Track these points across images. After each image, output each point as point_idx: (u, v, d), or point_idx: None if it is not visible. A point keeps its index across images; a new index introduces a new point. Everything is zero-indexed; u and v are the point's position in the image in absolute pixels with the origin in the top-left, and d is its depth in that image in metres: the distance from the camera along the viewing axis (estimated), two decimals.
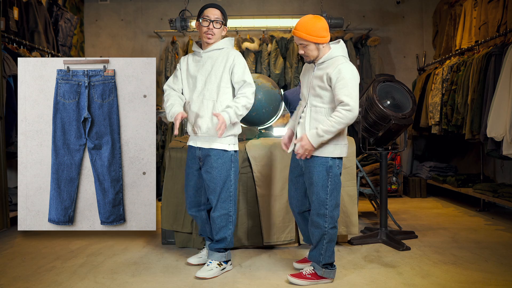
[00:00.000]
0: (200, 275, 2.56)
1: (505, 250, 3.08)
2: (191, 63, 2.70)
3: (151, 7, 6.10)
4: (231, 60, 2.60)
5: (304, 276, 2.46)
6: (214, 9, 2.63)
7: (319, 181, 2.39)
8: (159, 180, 5.13)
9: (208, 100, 2.58)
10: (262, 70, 5.61)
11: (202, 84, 2.61)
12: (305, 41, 2.37)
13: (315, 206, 2.41)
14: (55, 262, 2.90)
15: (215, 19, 2.61)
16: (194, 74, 2.66)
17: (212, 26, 2.59)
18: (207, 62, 2.63)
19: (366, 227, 3.71)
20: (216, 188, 2.60)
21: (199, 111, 2.59)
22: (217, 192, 2.60)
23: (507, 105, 3.53)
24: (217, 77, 2.59)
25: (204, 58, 2.65)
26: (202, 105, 2.59)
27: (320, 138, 2.31)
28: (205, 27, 2.60)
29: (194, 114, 2.61)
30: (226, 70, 2.60)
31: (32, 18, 4.53)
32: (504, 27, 4.10)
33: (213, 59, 2.63)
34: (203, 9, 2.64)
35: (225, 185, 2.61)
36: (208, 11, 2.61)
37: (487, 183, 4.48)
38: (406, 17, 6.13)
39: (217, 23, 2.61)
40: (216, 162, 2.58)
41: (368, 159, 4.55)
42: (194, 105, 2.61)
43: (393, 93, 3.24)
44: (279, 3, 6.10)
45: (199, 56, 2.67)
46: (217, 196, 2.61)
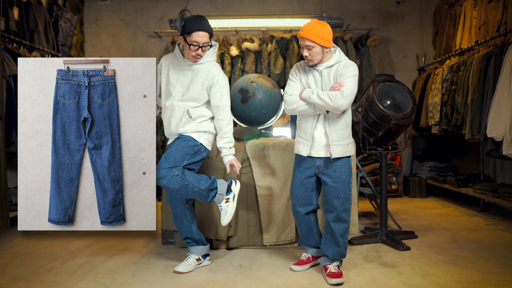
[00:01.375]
0: (179, 269, 2.67)
1: (505, 250, 3.08)
2: (171, 68, 2.75)
3: (151, 7, 6.10)
4: (210, 77, 2.66)
5: (339, 273, 2.51)
6: (202, 32, 2.59)
7: (345, 179, 2.55)
8: None
9: (180, 108, 2.69)
10: (262, 70, 5.61)
11: (177, 94, 2.70)
12: (312, 43, 2.43)
13: (342, 202, 2.54)
14: (55, 262, 2.91)
15: (203, 44, 2.60)
16: (172, 80, 2.73)
17: (200, 51, 2.62)
18: (188, 73, 2.70)
19: (366, 227, 3.71)
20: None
21: (172, 117, 2.71)
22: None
23: (507, 105, 3.53)
24: (194, 91, 2.67)
25: (185, 67, 2.71)
26: (174, 111, 2.70)
27: (309, 94, 2.46)
28: (194, 52, 2.62)
29: (167, 120, 2.75)
30: (204, 87, 2.68)
31: (32, 18, 4.53)
32: (504, 27, 4.10)
33: (193, 72, 2.69)
34: (191, 31, 2.59)
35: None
36: (197, 36, 2.58)
37: (487, 183, 4.48)
38: (406, 17, 6.13)
39: (206, 47, 2.63)
40: (179, 143, 2.68)
41: (368, 159, 4.55)
42: (167, 112, 2.74)
43: (393, 93, 3.24)
44: (279, 3, 6.10)
45: (181, 64, 2.72)
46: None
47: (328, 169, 2.55)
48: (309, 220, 2.68)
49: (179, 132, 2.70)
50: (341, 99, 2.40)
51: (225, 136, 2.70)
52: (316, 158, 2.57)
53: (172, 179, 2.63)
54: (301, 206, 2.64)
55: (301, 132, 2.63)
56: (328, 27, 2.46)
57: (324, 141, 2.54)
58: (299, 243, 2.81)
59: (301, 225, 2.71)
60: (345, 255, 2.65)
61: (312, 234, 2.72)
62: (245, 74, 5.47)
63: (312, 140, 2.54)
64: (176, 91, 2.70)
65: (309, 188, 2.62)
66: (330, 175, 2.55)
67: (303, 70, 2.61)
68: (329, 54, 2.54)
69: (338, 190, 2.55)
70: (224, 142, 2.70)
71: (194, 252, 2.79)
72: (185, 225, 2.80)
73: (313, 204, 2.65)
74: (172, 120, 2.71)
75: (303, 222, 2.68)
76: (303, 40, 2.45)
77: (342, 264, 2.69)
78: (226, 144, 2.70)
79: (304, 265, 2.71)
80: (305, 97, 2.49)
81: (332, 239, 2.59)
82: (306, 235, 2.73)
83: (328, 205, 2.59)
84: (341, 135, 2.54)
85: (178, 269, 2.69)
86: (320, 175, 2.58)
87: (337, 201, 2.55)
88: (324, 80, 2.53)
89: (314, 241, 2.74)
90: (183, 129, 2.68)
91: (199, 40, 2.59)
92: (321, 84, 2.54)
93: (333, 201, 2.55)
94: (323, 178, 2.57)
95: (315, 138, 2.54)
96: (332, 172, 2.55)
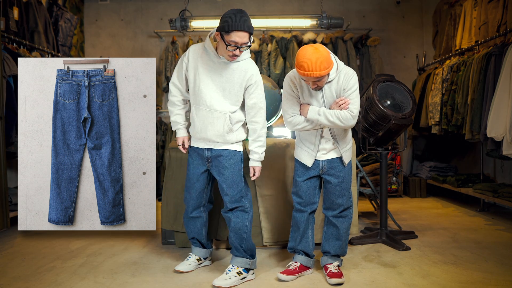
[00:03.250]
0: (216, 283, 2.45)
1: (505, 250, 3.07)
2: (201, 63, 2.49)
3: (151, 7, 6.10)
4: (248, 77, 2.48)
5: (340, 273, 2.51)
6: (243, 33, 2.31)
7: (348, 179, 2.60)
8: (159, 180, 5.13)
9: (219, 113, 2.48)
10: (262, 70, 5.61)
11: (213, 94, 2.48)
12: (323, 76, 2.33)
13: (346, 200, 2.59)
14: (55, 262, 2.90)
15: (242, 44, 2.34)
16: (204, 78, 2.48)
17: (238, 52, 2.39)
18: (223, 72, 2.47)
19: (366, 227, 3.71)
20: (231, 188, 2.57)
21: (208, 122, 2.49)
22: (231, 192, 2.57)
23: (507, 105, 3.53)
24: (231, 92, 2.48)
25: (218, 65, 2.47)
26: (212, 116, 2.48)
27: (316, 116, 2.43)
28: (231, 52, 2.37)
29: (201, 123, 2.52)
30: (241, 88, 2.49)
31: (32, 18, 4.53)
32: (504, 27, 4.10)
33: (229, 70, 2.46)
34: (230, 30, 2.30)
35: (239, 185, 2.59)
36: (236, 36, 2.30)
37: (487, 183, 4.48)
38: (406, 17, 6.13)
39: (244, 47, 2.38)
40: (228, 162, 2.55)
41: (368, 159, 4.55)
42: (201, 114, 2.51)
43: (393, 93, 3.24)
44: (279, 3, 6.10)
45: (213, 60, 2.48)
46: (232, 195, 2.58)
47: (333, 170, 2.56)
48: (309, 221, 2.64)
49: (218, 141, 2.52)
50: (351, 120, 2.40)
51: (259, 140, 2.55)
52: (320, 161, 2.57)
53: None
54: (305, 206, 2.62)
55: (305, 142, 2.59)
56: (326, 52, 2.31)
57: (330, 147, 2.55)
58: (288, 250, 2.71)
59: (299, 225, 2.64)
60: (345, 251, 2.67)
61: (306, 236, 2.63)
62: None
63: (317, 150, 2.54)
64: (209, 89, 2.47)
65: (312, 187, 2.61)
66: (336, 175, 2.56)
67: (299, 84, 2.50)
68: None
69: (342, 189, 2.57)
70: (257, 146, 2.55)
71: (196, 253, 2.78)
72: (198, 227, 2.74)
73: (316, 202, 2.64)
74: (210, 127, 2.49)
75: (303, 221, 2.63)
76: (314, 78, 2.32)
77: (342, 264, 2.68)
78: (259, 148, 2.55)
79: (292, 275, 2.55)
80: (311, 118, 2.43)
81: (335, 234, 2.61)
82: (300, 236, 2.64)
83: (331, 204, 2.59)
84: (346, 141, 2.59)
85: (179, 268, 2.67)
86: (324, 175, 2.59)
87: (341, 200, 2.58)
88: (325, 95, 2.47)
89: (306, 245, 2.63)
90: (224, 139, 2.51)
91: (238, 41, 2.32)
92: (323, 99, 2.48)
93: (338, 200, 2.58)
94: (328, 178, 2.57)
95: (321, 148, 2.54)
96: (337, 172, 2.56)
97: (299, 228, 2.64)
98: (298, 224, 2.65)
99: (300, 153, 2.60)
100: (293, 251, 2.68)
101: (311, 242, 2.66)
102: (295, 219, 2.66)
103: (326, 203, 2.63)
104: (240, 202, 2.58)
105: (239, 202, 2.57)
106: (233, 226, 2.58)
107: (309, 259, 2.65)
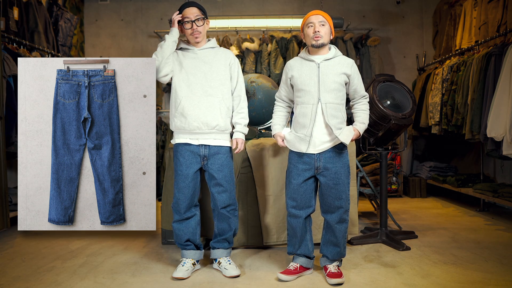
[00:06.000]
0: (233, 273, 2.59)
1: (505, 250, 3.08)
2: (184, 59, 2.69)
3: (151, 7, 6.10)
4: (229, 58, 2.69)
5: (339, 273, 2.51)
6: (191, 8, 2.65)
7: (345, 180, 2.54)
8: (159, 180, 5.12)
9: (213, 97, 2.61)
10: (262, 70, 5.61)
11: (203, 80, 2.62)
12: (325, 20, 2.53)
13: (344, 203, 2.53)
14: (55, 262, 2.91)
15: (195, 18, 2.63)
16: (191, 70, 2.66)
17: (195, 26, 2.63)
18: (206, 58, 2.67)
19: (366, 227, 3.71)
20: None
21: (205, 107, 2.59)
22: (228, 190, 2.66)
23: (507, 105, 3.53)
24: (218, 73, 2.64)
25: (200, 55, 2.68)
26: (207, 102, 2.60)
27: (363, 126, 2.63)
28: (189, 29, 2.64)
29: (197, 110, 2.60)
30: (226, 67, 2.67)
31: (32, 18, 4.53)
32: (504, 27, 4.10)
33: (210, 55, 2.67)
34: (181, 12, 2.66)
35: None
36: (186, 12, 2.64)
37: (487, 183, 4.48)
38: (406, 17, 6.13)
39: (199, 21, 2.64)
40: (226, 160, 2.64)
41: (368, 159, 4.55)
42: (196, 101, 2.61)
43: (393, 93, 3.24)
44: (279, 3, 6.10)
45: (194, 53, 2.69)
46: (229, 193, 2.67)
47: (328, 171, 2.49)
48: (305, 225, 2.59)
49: (212, 130, 2.60)
50: (367, 99, 2.68)
51: (241, 111, 2.68)
52: (315, 158, 2.50)
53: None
54: (300, 209, 2.55)
55: (298, 128, 2.54)
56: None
57: (325, 133, 2.48)
58: (287, 253, 2.68)
59: (295, 231, 2.59)
60: (344, 254, 2.63)
61: (305, 241, 2.60)
62: (245, 74, 5.46)
63: (311, 135, 2.48)
64: (198, 78, 2.63)
65: (308, 189, 2.55)
66: (330, 177, 2.49)
67: (299, 63, 2.58)
68: (327, 48, 2.57)
69: (339, 192, 2.51)
70: (240, 118, 2.67)
71: (191, 256, 2.71)
72: (193, 226, 2.72)
73: (312, 206, 2.58)
74: (207, 111, 2.59)
75: (299, 227, 2.57)
76: (317, 17, 2.51)
77: (342, 264, 2.68)
78: (242, 120, 2.67)
79: (292, 275, 2.54)
80: (364, 129, 2.64)
81: (333, 240, 2.56)
82: (299, 242, 2.60)
83: (329, 207, 2.53)
84: (340, 120, 2.52)
85: (178, 275, 2.58)
86: (320, 176, 2.52)
87: (339, 202, 2.51)
88: (321, 72, 2.49)
89: (306, 248, 2.60)
90: (223, 122, 2.61)
91: (190, 15, 2.62)
92: (318, 76, 2.48)
93: (335, 202, 2.51)
94: (323, 180, 2.51)
95: (314, 132, 2.47)
96: (332, 174, 2.49)
97: (296, 234, 2.59)
98: (294, 230, 2.60)
99: (294, 142, 2.55)
100: (293, 253, 2.67)
101: (310, 245, 2.62)
102: (291, 225, 2.61)
103: (324, 207, 2.57)
104: (234, 199, 2.71)
105: (234, 199, 2.71)
106: (233, 226, 2.72)
107: (309, 260, 2.63)
